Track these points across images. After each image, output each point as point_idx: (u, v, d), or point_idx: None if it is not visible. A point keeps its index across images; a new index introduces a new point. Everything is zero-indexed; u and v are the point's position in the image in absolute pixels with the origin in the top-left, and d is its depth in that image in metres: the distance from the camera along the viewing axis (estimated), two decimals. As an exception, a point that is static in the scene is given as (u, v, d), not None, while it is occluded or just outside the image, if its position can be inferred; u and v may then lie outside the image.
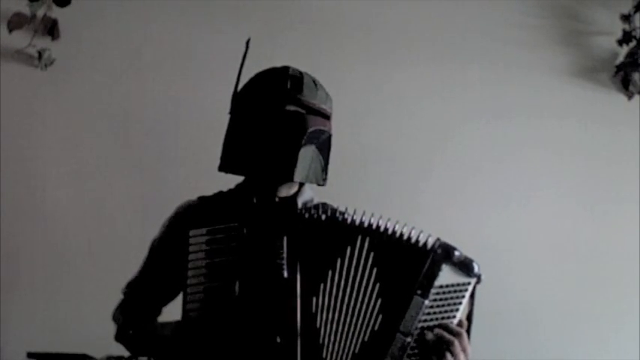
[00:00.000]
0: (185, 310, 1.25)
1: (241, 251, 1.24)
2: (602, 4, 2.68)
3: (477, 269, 1.23)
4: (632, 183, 2.65)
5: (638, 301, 2.59)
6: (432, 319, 1.22)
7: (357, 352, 1.22)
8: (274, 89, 1.36)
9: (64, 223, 2.39)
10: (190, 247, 1.25)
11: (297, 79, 1.38)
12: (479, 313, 1.26)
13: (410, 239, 1.24)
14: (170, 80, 2.46)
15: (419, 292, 1.21)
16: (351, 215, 1.26)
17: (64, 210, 2.40)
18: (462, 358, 1.21)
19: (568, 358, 2.54)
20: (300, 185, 1.46)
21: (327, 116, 1.40)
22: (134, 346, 1.49)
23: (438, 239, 1.23)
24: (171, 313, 1.45)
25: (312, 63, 1.59)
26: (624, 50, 2.65)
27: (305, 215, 1.26)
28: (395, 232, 1.24)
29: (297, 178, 1.34)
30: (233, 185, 1.48)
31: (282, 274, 1.22)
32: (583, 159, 2.64)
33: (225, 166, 1.39)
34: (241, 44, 1.43)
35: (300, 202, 1.42)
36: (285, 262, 1.23)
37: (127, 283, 1.51)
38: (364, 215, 1.25)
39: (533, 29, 2.66)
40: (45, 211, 2.39)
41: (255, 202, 1.30)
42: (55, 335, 2.30)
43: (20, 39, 2.37)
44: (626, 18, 2.60)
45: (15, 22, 2.36)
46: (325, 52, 2.51)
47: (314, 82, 1.40)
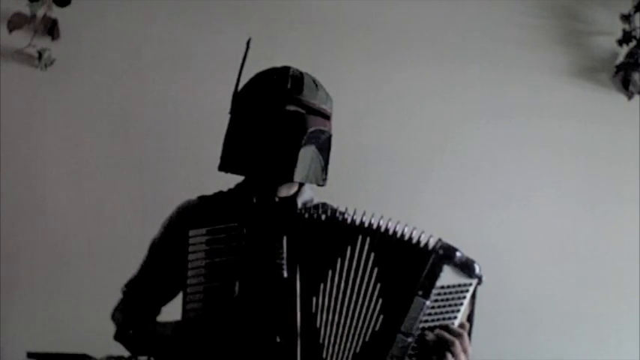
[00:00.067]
0: (185, 310, 1.25)
1: (241, 251, 1.24)
2: (602, 4, 2.68)
3: (478, 270, 1.23)
4: (632, 183, 2.65)
5: (638, 301, 2.59)
6: (433, 319, 1.22)
7: (357, 352, 1.22)
8: (274, 89, 1.36)
9: (64, 223, 2.39)
10: (190, 247, 1.25)
11: (298, 79, 1.38)
12: (479, 313, 1.26)
13: (411, 240, 1.23)
14: (170, 80, 2.46)
15: (420, 292, 1.20)
16: (351, 215, 1.25)
17: (64, 210, 2.40)
18: (462, 358, 1.21)
19: (568, 358, 2.54)
20: (300, 185, 1.45)
21: (327, 116, 1.40)
22: (134, 346, 1.49)
23: (439, 240, 1.23)
24: (171, 313, 1.45)
25: (312, 63, 1.59)
26: (624, 50, 2.65)
27: (305, 215, 1.26)
28: (396, 233, 1.24)
29: (297, 178, 1.34)
30: (233, 185, 1.48)
31: (282, 274, 1.22)
32: (583, 159, 2.64)
33: (225, 166, 1.39)
34: (241, 44, 1.43)
35: (300, 202, 1.42)
36: (285, 262, 1.23)
37: (126, 282, 1.51)
38: (364, 215, 1.25)
39: (533, 29, 2.66)
40: (45, 211, 2.39)
41: (255, 202, 1.30)
42: (55, 335, 2.30)
43: (20, 39, 2.37)
44: (626, 18, 2.60)
45: (15, 22, 2.36)
46: (325, 52, 2.51)
47: (314, 82, 1.40)
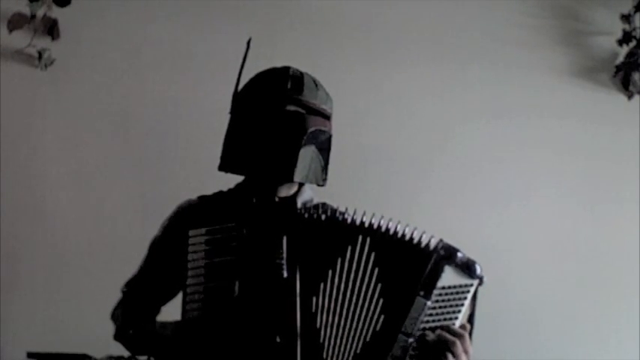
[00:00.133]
0: (185, 310, 1.24)
1: (241, 251, 1.24)
2: (602, 4, 2.68)
3: (479, 271, 1.22)
4: (632, 183, 2.66)
5: (638, 301, 2.60)
6: (434, 320, 1.21)
7: (358, 352, 1.21)
8: (275, 89, 1.36)
9: (64, 223, 2.39)
10: (190, 247, 1.25)
11: (298, 79, 1.38)
12: (479, 313, 1.26)
13: (412, 240, 1.23)
14: (170, 80, 2.46)
15: (421, 293, 1.20)
16: (351, 215, 1.25)
17: (64, 210, 2.40)
18: (463, 359, 1.21)
19: (568, 358, 2.54)
20: (300, 185, 1.45)
21: (327, 116, 1.40)
22: (134, 346, 1.49)
23: (440, 240, 1.23)
24: (171, 313, 1.45)
25: (312, 63, 1.58)
26: (624, 50, 2.65)
27: (305, 215, 1.26)
28: (397, 233, 1.23)
29: (297, 178, 1.34)
30: (233, 185, 1.48)
31: (282, 274, 1.22)
32: (583, 159, 2.64)
33: (225, 166, 1.39)
34: (241, 44, 1.43)
35: (300, 202, 1.42)
36: (285, 262, 1.22)
37: (126, 281, 1.51)
38: (364, 215, 1.24)
39: (533, 29, 2.66)
40: (45, 211, 2.39)
41: (255, 202, 1.30)
42: (55, 335, 2.30)
43: (20, 39, 2.37)
44: (626, 18, 2.60)
45: (15, 22, 2.35)
46: (325, 52, 2.51)
47: (314, 82, 1.40)
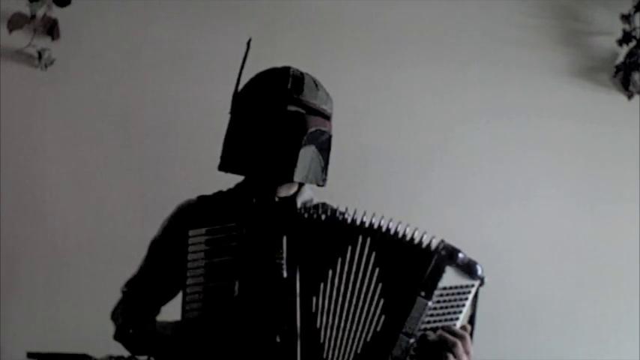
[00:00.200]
0: (184, 310, 1.24)
1: (241, 251, 1.24)
2: (602, 4, 2.68)
3: (480, 272, 1.22)
4: (632, 183, 2.66)
5: (638, 301, 2.59)
6: (435, 320, 1.21)
7: (359, 352, 1.21)
8: (275, 89, 1.36)
9: (64, 223, 2.39)
10: (190, 247, 1.25)
11: (298, 79, 1.37)
12: (479, 313, 1.26)
13: (413, 240, 1.23)
14: (170, 80, 2.46)
15: (422, 293, 1.20)
16: (351, 215, 1.25)
17: (64, 210, 2.40)
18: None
19: (568, 358, 2.54)
20: (300, 185, 1.45)
21: (327, 117, 1.40)
22: (134, 346, 1.49)
23: (442, 241, 1.22)
24: (171, 313, 1.45)
25: (312, 63, 1.58)
26: (624, 50, 2.65)
27: (305, 215, 1.26)
28: (397, 233, 1.23)
29: (297, 178, 1.34)
30: (233, 185, 1.48)
31: (282, 273, 1.22)
32: (583, 159, 2.64)
33: (225, 166, 1.39)
34: (241, 44, 1.43)
35: (300, 202, 1.42)
36: (285, 261, 1.22)
37: (126, 282, 1.51)
38: (365, 215, 1.24)
39: (533, 29, 2.66)
40: (45, 211, 2.39)
41: (255, 201, 1.30)
42: (55, 335, 2.30)
43: (20, 39, 2.37)
44: (626, 18, 2.60)
45: (15, 22, 2.35)
46: (325, 52, 2.51)
47: (315, 82, 1.40)
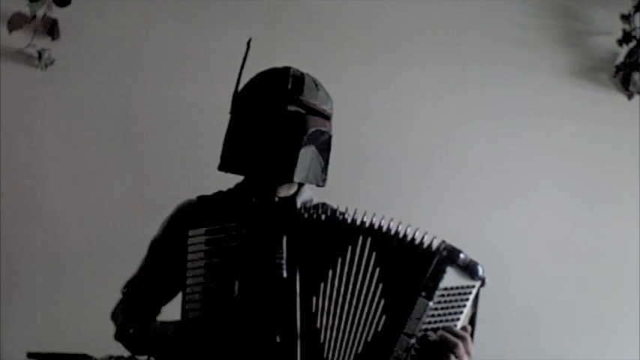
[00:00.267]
0: (184, 310, 1.25)
1: (240, 251, 1.24)
2: (602, 4, 2.68)
3: (481, 272, 1.22)
4: (632, 183, 2.65)
5: (638, 301, 2.59)
6: (435, 321, 1.21)
7: (359, 352, 1.21)
8: (275, 89, 1.36)
9: (64, 223, 2.39)
10: (189, 247, 1.25)
11: (298, 79, 1.38)
12: (479, 312, 1.26)
13: (414, 240, 1.23)
14: (170, 80, 2.45)
15: (423, 293, 1.20)
16: (352, 215, 1.25)
17: (64, 210, 2.40)
18: (465, 360, 1.21)
19: (568, 358, 2.54)
20: (300, 185, 1.45)
21: (327, 117, 1.40)
22: (134, 346, 1.49)
23: (443, 241, 1.22)
24: (171, 313, 1.45)
25: (312, 63, 1.58)
26: (624, 50, 2.65)
27: (304, 215, 1.26)
28: (398, 233, 1.23)
29: (297, 178, 1.34)
30: (233, 185, 1.48)
31: (282, 273, 1.22)
32: (583, 159, 2.64)
33: (225, 166, 1.39)
34: (241, 44, 1.43)
35: (300, 202, 1.42)
36: (285, 261, 1.23)
37: (126, 282, 1.51)
38: (365, 215, 1.24)
39: (533, 29, 2.66)
40: (45, 211, 2.39)
41: (255, 201, 1.30)
42: (55, 335, 2.30)
43: (20, 39, 2.37)
44: (626, 18, 2.60)
45: (15, 22, 2.35)
46: (325, 52, 2.51)
47: (315, 82, 1.40)
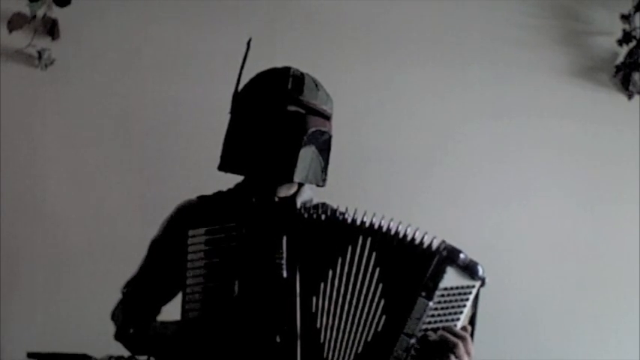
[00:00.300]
0: (184, 310, 1.25)
1: (240, 251, 1.24)
2: (602, 4, 2.68)
3: (481, 272, 1.22)
4: (632, 183, 2.65)
5: (638, 301, 2.59)
6: (435, 321, 1.21)
7: (359, 352, 1.21)
8: (275, 89, 1.36)
9: (64, 223, 2.39)
10: (189, 247, 1.25)
11: (299, 79, 1.38)
12: (479, 312, 1.26)
13: (414, 240, 1.23)
14: (170, 80, 2.45)
15: (423, 293, 1.19)
16: (352, 215, 1.25)
17: (64, 210, 2.40)
18: (465, 360, 1.21)
19: (568, 358, 2.54)
20: (300, 185, 1.45)
21: (327, 117, 1.40)
22: (134, 346, 1.49)
23: (443, 241, 1.22)
24: (171, 313, 1.45)
25: (312, 63, 1.58)
26: (624, 50, 2.65)
27: (304, 215, 1.26)
28: (398, 233, 1.23)
29: (297, 178, 1.34)
30: (233, 185, 1.48)
31: (282, 273, 1.22)
32: (583, 159, 2.64)
33: (225, 166, 1.39)
34: (241, 44, 1.43)
35: (300, 202, 1.42)
36: (285, 261, 1.22)
37: (126, 282, 1.51)
38: (365, 215, 1.24)
39: (533, 29, 2.66)
40: (45, 211, 2.39)
41: (254, 201, 1.30)
42: (55, 335, 2.30)
43: (20, 39, 2.37)
44: (626, 18, 2.60)
45: (15, 22, 2.36)
46: (325, 52, 2.51)
47: (315, 82, 1.40)
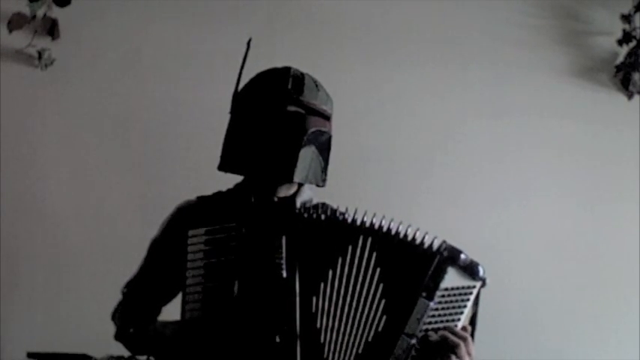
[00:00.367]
0: (184, 310, 1.25)
1: (240, 251, 1.24)
2: (602, 4, 2.68)
3: (482, 272, 1.22)
4: (632, 183, 2.65)
5: (638, 301, 2.59)
6: (436, 321, 1.21)
7: (360, 352, 1.21)
8: (275, 89, 1.36)
9: (64, 223, 2.39)
10: (189, 247, 1.25)
11: (299, 79, 1.38)
12: (479, 312, 1.26)
13: (414, 241, 1.23)
14: (170, 80, 2.46)
15: (424, 294, 1.19)
16: (352, 215, 1.25)
17: (64, 210, 2.40)
18: (466, 361, 1.21)
19: (568, 358, 2.54)
20: (300, 185, 1.45)
21: (327, 117, 1.40)
22: (134, 346, 1.49)
23: (444, 241, 1.22)
24: (171, 313, 1.45)
25: (312, 63, 1.58)
26: (624, 50, 2.65)
27: (304, 215, 1.26)
28: (398, 233, 1.23)
29: (297, 178, 1.34)
30: (232, 185, 1.48)
31: (281, 273, 1.22)
32: (583, 159, 2.64)
33: (225, 166, 1.39)
34: (241, 44, 1.43)
35: (299, 202, 1.42)
36: (284, 261, 1.23)
37: (126, 282, 1.51)
38: (365, 215, 1.24)
39: (533, 29, 2.66)
40: (45, 211, 2.39)
41: (254, 201, 1.30)
42: (55, 335, 2.30)
43: (20, 39, 2.37)
44: (626, 18, 2.60)
45: (15, 22, 2.36)
46: (325, 52, 2.51)
47: (315, 82, 1.40)
